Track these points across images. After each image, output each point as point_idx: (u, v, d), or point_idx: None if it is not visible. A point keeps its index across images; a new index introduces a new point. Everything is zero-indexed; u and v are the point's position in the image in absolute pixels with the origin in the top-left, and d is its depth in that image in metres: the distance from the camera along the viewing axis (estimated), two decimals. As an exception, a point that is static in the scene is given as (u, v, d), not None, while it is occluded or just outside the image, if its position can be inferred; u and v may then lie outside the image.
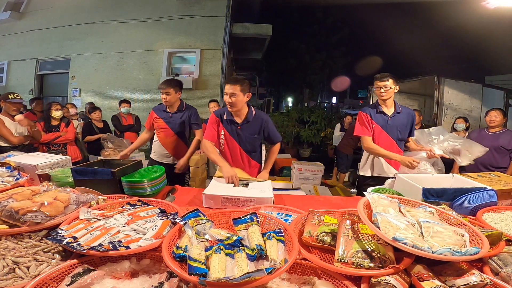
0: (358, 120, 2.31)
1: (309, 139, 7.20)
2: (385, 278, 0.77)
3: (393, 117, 2.21)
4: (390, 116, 2.22)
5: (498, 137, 2.94)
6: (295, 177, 3.90)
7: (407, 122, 2.24)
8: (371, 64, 12.90)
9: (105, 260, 0.89)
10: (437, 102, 5.31)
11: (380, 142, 2.21)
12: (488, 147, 2.95)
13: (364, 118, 2.25)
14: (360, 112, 2.31)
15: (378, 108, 2.24)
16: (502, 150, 2.87)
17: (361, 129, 2.26)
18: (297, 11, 12.67)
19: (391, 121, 2.21)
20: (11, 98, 3.00)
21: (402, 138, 2.24)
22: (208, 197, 1.52)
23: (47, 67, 8.12)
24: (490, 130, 3.05)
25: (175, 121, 2.56)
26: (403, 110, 2.25)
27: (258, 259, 0.86)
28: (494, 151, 2.85)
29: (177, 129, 2.57)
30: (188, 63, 7.55)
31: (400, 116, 2.23)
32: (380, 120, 2.22)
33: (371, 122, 2.23)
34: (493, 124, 3.00)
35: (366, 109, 2.29)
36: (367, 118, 2.24)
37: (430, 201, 1.28)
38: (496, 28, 8.25)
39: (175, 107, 2.56)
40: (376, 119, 2.23)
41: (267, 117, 2.10)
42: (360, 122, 2.28)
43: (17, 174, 1.59)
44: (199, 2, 7.27)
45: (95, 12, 7.60)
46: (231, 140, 2.07)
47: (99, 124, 4.24)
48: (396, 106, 2.24)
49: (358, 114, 2.32)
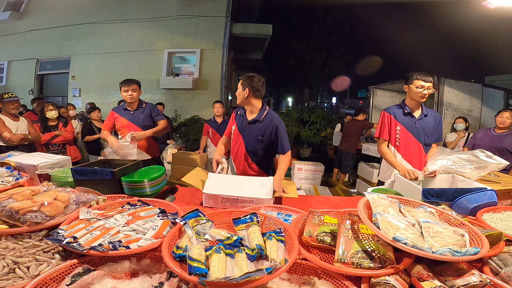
0: (380, 120, 2.15)
1: (309, 139, 7.19)
2: (385, 278, 0.77)
3: (420, 119, 2.05)
4: (417, 118, 2.05)
5: (503, 139, 2.90)
6: (295, 177, 3.90)
7: (434, 125, 2.07)
8: (371, 64, 12.91)
9: (105, 260, 0.89)
10: (437, 102, 5.30)
11: (407, 146, 2.05)
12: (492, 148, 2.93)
13: (386, 119, 2.10)
14: (383, 111, 2.15)
15: (406, 109, 2.07)
16: (505, 152, 2.83)
17: (380, 131, 2.14)
18: (297, 11, 12.69)
19: (418, 123, 2.05)
20: (6, 97, 3.00)
21: (429, 142, 2.08)
22: (208, 197, 1.52)
23: (47, 67, 8.12)
24: (497, 131, 2.99)
25: (138, 117, 2.66)
26: (430, 113, 2.09)
27: (258, 259, 0.86)
28: (498, 153, 2.80)
29: (141, 124, 2.65)
30: (188, 63, 7.55)
31: (428, 119, 2.06)
32: (406, 122, 2.06)
33: (394, 124, 2.08)
34: (503, 126, 2.93)
35: (390, 109, 2.14)
36: (390, 119, 2.09)
37: (430, 201, 1.28)
38: (496, 28, 8.25)
39: (135, 105, 2.68)
40: (402, 121, 2.07)
41: (279, 121, 1.97)
42: (381, 123, 2.13)
43: (17, 174, 1.59)
44: (199, 2, 7.27)
45: (95, 12, 7.60)
46: (237, 135, 2.08)
47: (98, 124, 4.23)
48: (423, 109, 2.07)
49: (381, 114, 2.16)
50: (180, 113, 7.13)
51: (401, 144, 2.08)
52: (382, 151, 2.14)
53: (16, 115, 3.13)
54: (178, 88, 7.26)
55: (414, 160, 2.06)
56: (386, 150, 2.11)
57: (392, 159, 2.05)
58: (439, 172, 1.76)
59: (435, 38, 13.06)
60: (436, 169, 1.75)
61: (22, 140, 3.04)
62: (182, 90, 7.28)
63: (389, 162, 2.07)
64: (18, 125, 3.08)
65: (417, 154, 2.06)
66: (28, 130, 3.16)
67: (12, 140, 2.92)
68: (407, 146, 2.07)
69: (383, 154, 2.13)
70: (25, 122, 3.18)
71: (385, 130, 2.11)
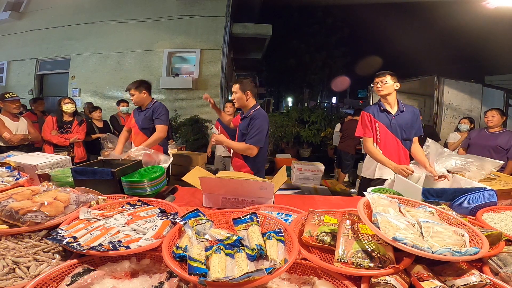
0: (360, 120, 2.26)
1: (309, 139, 7.20)
2: (385, 278, 0.77)
3: (397, 115, 2.16)
4: (394, 114, 2.17)
5: (496, 137, 3.02)
6: (295, 177, 3.89)
7: (412, 120, 2.17)
8: (371, 64, 12.89)
9: (105, 260, 0.89)
10: (437, 102, 5.31)
11: (386, 142, 2.16)
12: (486, 146, 3.01)
13: (366, 118, 2.20)
14: (363, 111, 2.26)
15: (381, 106, 2.18)
16: (500, 149, 2.93)
17: (363, 130, 2.22)
18: (297, 11, 12.69)
19: (395, 120, 2.16)
20: (7, 97, 3.00)
21: (407, 137, 2.18)
22: (207, 197, 1.52)
23: (47, 67, 8.12)
24: (490, 130, 3.11)
25: (139, 118, 2.65)
26: (407, 108, 2.20)
27: (258, 259, 0.86)
28: (492, 150, 2.93)
29: (140, 126, 2.64)
30: (188, 63, 7.55)
31: (404, 115, 2.17)
32: (384, 119, 2.17)
33: (374, 122, 2.18)
34: (491, 124, 3.07)
35: (368, 108, 2.25)
36: (370, 118, 2.19)
37: (430, 201, 1.28)
38: (496, 28, 8.25)
39: (144, 106, 2.66)
40: (380, 118, 2.18)
41: (260, 116, 2.07)
42: (362, 123, 2.23)
43: (17, 174, 1.59)
44: (199, 2, 7.27)
45: (95, 12, 7.60)
46: (235, 130, 2.35)
47: (99, 124, 4.24)
48: (400, 105, 2.19)
49: (361, 114, 2.27)
50: (180, 113, 7.14)
51: (381, 141, 2.18)
52: (369, 149, 2.19)
53: (16, 115, 3.13)
54: (178, 88, 7.26)
55: (393, 155, 2.14)
56: (373, 148, 2.18)
57: (380, 157, 2.11)
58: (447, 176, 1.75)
59: (435, 38, 13.07)
60: (445, 173, 1.76)
61: (22, 141, 3.04)
62: (182, 90, 7.28)
63: (378, 160, 2.14)
64: (18, 125, 3.08)
65: (396, 149, 2.16)
66: (28, 130, 3.16)
67: (12, 141, 2.92)
68: (386, 142, 2.17)
69: (371, 153, 2.18)
70: (25, 123, 3.18)
71: (368, 128, 2.20)
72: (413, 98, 6.36)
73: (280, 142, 7.42)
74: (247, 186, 1.44)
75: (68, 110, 3.40)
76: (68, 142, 3.38)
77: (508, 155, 2.90)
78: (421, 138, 2.23)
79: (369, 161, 2.31)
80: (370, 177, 2.29)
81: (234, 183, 1.46)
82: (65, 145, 3.37)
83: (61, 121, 3.39)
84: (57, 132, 3.34)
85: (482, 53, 10.51)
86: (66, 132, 3.42)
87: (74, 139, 3.41)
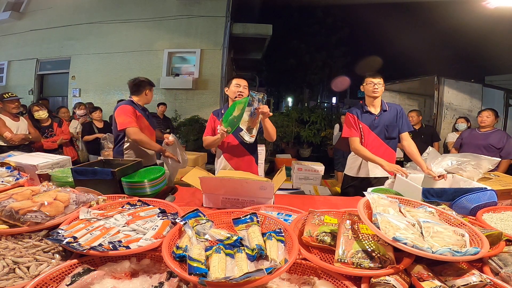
0: (345, 122, 2.30)
1: (309, 139, 7.20)
2: (385, 278, 0.77)
3: (379, 115, 2.20)
4: (376, 115, 2.20)
5: (488, 136, 3.04)
6: (295, 177, 3.89)
7: (394, 118, 2.20)
8: (371, 64, 12.87)
9: (105, 260, 0.89)
10: (437, 102, 5.31)
11: (369, 142, 2.20)
12: (479, 146, 3.02)
13: (351, 119, 2.23)
14: (347, 113, 2.30)
15: (364, 108, 2.23)
16: (492, 148, 2.95)
17: (349, 130, 2.24)
18: (297, 11, 12.66)
19: (377, 120, 2.19)
20: (7, 97, 3.01)
21: (390, 136, 2.20)
22: (207, 197, 1.52)
23: (47, 67, 8.12)
24: (481, 130, 3.14)
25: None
26: (390, 107, 2.23)
27: (258, 259, 0.86)
28: (484, 149, 2.95)
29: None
30: (188, 63, 7.55)
31: (387, 114, 2.20)
32: (367, 120, 2.21)
33: (358, 123, 2.22)
34: (484, 124, 3.09)
35: (352, 110, 2.27)
36: (354, 119, 2.22)
37: (430, 201, 1.28)
38: (496, 28, 8.25)
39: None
40: (363, 119, 2.21)
41: None
42: (347, 123, 2.26)
43: (17, 174, 1.59)
44: (199, 2, 7.27)
45: (95, 12, 7.61)
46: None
47: (99, 124, 4.23)
48: (383, 105, 2.22)
49: (345, 116, 2.32)
50: (180, 113, 7.14)
51: (365, 141, 2.21)
52: (357, 149, 2.20)
53: (16, 115, 3.13)
54: (178, 88, 7.27)
55: (377, 155, 2.15)
56: (361, 147, 2.19)
57: (369, 155, 2.12)
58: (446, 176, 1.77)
59: (435, 38, 13.05)
60: (444, 172, 1.77)
61: (23, 140, 3.04)
62: (182, 90, 7.28)
63: (368, 158, 2.15)
64: (19, 125, 3.08)
65: (379, 149, 2.18)
66: (28, 130, 3.16)
67: (14, 140, 2.92)
68: (369, 142, 2.20)
69: (359, 151, 2.19)
70: (25, 122, 3.19)
71: (353, 128, 2.22)
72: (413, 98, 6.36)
73: (280, 142, 7.43)
74: (247, 186, 1.44)
75: (40, 117, 3.42)
76: (56, 144, 3.41)
77: (501, 153, 2.92)
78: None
79: (353, 160, 2.34)
80: (353, 175, 2.32)
81: (234, 183, 1.46)
82: (54, 148, 3.40)
83: (40, 127, 3.41)
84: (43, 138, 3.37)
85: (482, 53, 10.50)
86: (51, 135, 3.45)
87: (60, 141, 3.45)
